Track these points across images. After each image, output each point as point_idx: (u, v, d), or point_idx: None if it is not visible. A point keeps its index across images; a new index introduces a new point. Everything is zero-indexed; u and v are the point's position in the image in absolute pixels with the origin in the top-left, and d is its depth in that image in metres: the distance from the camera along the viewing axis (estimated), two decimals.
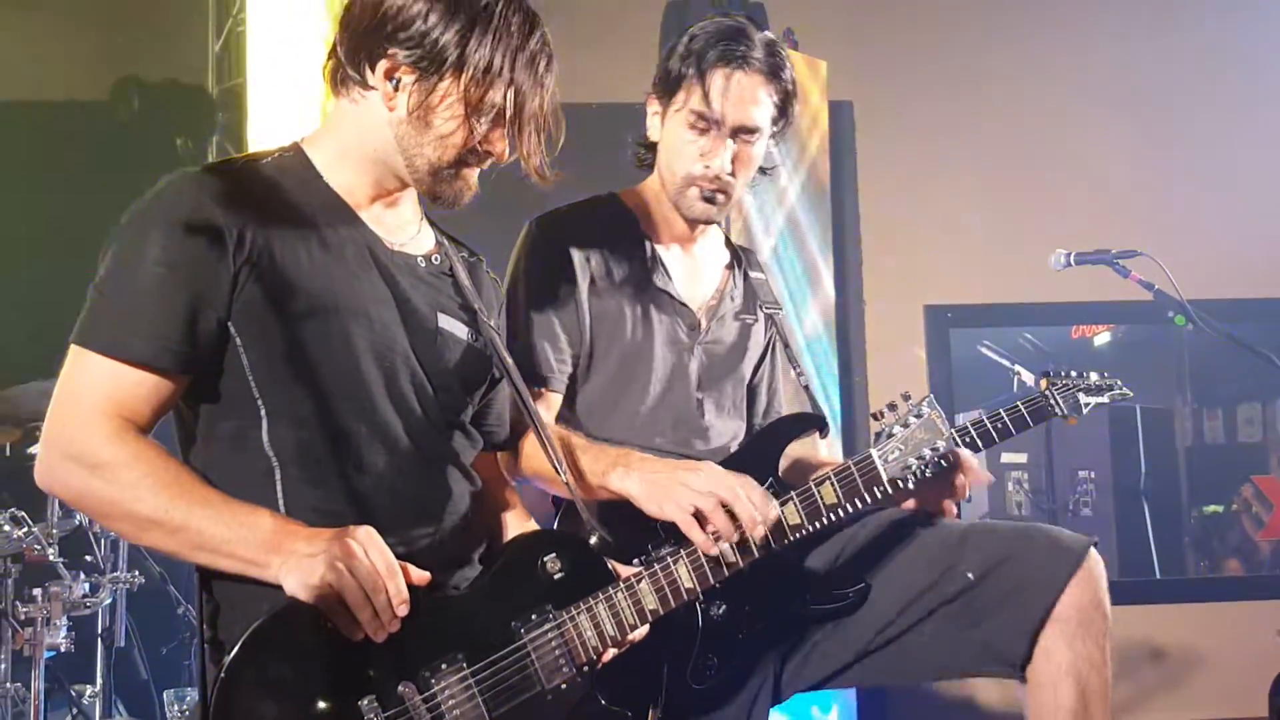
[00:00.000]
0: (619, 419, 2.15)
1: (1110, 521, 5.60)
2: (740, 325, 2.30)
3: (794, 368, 2.31)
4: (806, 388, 2.27)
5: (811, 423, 2.13)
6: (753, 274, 2.35)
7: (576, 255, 2.14)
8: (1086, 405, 2.15)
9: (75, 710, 3.35)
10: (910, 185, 4.64)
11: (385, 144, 1.67)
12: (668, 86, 2.17)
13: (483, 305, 1.82)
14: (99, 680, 3.41)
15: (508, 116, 1.65)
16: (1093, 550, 1.98)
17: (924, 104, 4.66)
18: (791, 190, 4.26)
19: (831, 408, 4.20)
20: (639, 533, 1.86)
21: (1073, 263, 3.12)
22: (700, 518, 1.81)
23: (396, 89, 1.64)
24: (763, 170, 2.25)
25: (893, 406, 1.96)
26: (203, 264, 1.54)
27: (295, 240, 1.61)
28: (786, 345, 2.33)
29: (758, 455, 2.06)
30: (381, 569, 1.48)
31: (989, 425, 2.02)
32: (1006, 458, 5.91)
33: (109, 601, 3.39)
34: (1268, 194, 4.62)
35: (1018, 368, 5.71)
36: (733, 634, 1.94)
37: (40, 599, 3.06)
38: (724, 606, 1.89)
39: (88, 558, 3.37)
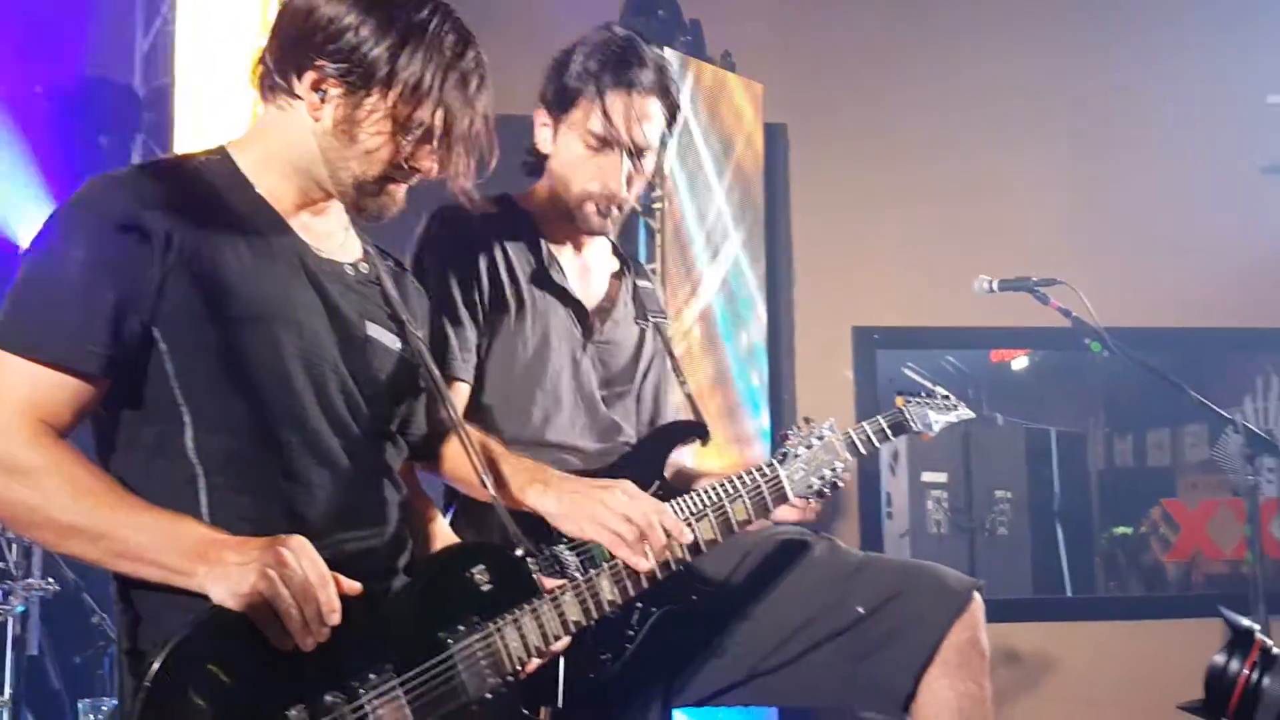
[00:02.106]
0: (519, 412, 2.17)
1: (1025, 540, 5.74)
2: (636, 330, 2.35)
3: (678, 376, 2.37)
4: (690, 396, 2.35)
5: (695, 431, 2.22)
6: (640, 283, 2.41)
7: (478, 247, 2.16)
8: (937, 423, 2.31)
9: None
10: (842, 208, 4.73)
11: (310, 154, 1.66)
12: (561, 102, 2.20)
13: (409, 314, 1.81)
14: (8, 689, 3.31)
15: (436, 136, 1.63)
16: (976, 593, 2.08)
17: (857, 129, 4.75)
18: (724, 211, 4.31)
19: (761, 426, 4.25)
20: (536, 532, 1.91)
21: (995, 289, 3.21)
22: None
23: (323, 100, 1.62)
24: (652, 185, 2.32)
25: (795, 428, 2.11)
26: (128, 266, 1.52)
27: (223, 245, 1.59)
28: (671, 354, 2.40)
29: (645, 460, 2.15)
30: (314, 578, 1.47)
31: (854, 437, 2.16)
32: (927, 477, 6.03)
33: (21, 609, 3.30)
34: (1183, 226, 4.79)
35: (938, 389, 5.83)
36: (624, 629, 1.99)
37: None
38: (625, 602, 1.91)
39: None
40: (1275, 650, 1.41)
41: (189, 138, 3.70)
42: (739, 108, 4.38)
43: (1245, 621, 1.43)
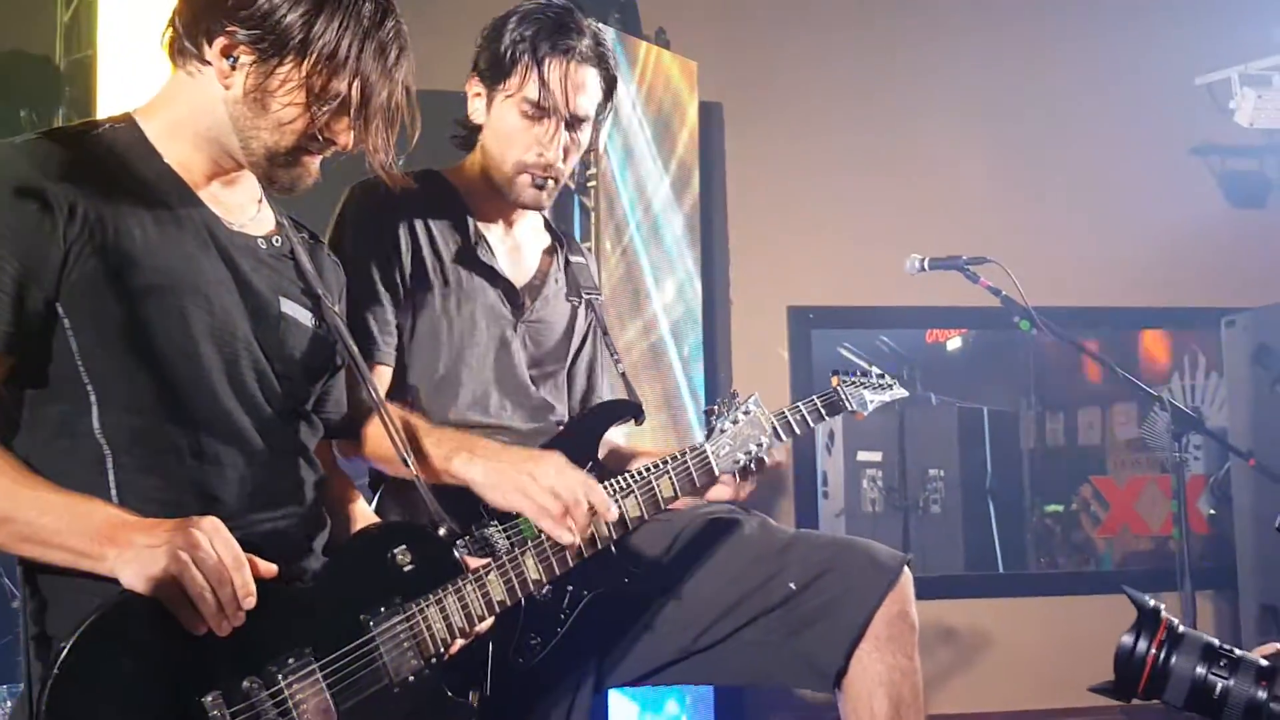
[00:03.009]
0: (446, 393, 2.13)
1: (958, 518, 5.82)
2: (568, 307, 2.32)
3: (612, 355, 2.35)
4: (624, 375, 2.32)
5: (629, 410, 2.19)
6: (573, 258, 2.36)
7: (400, 224, 2.11)
8: (871, 402, 2.32)
9: None
10: (776, 187, 4.74)
11: (220, 123, 1.60)
12: (496, 71, 2.14)
13: (325, 289, 1.76)
14: None
15: (352, 107, 1.58)
16: (905, 568, 2.09)
17: (791, 107, 4.76)
18: (660, 190, 4.30)
19: (698, 405, 4.26)
20: (467, 512, 1.88)
21: (926, 268, 3.23)
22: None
23: (234, 67, 1.57)
24: (586, 159, 2.29)
25: (721, 403, 2.10)
26: (30, 238, 1.46)
27: (130, 217, 1.53)
28: (605, 332, 2.37)
29: (579, 439, 2.11)
30: (228, 560, 1.43)
31: (789, 417, 2.15)
32: (862, 456, 6.09)
33: None
34: (1112, 206, 4.86)
35: (873, 369, 5.89)
36: (555, 613, 1.97)
37: None
38: (547, 586, 1.89)
39: None
40: (1181, 628, 1.43)
41: (111, 110, 3.60)
42: (674, 85, 4.36)
43: (1150, 601, 1.45)
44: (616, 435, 2.26)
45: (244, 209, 1.70)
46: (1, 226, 1.46)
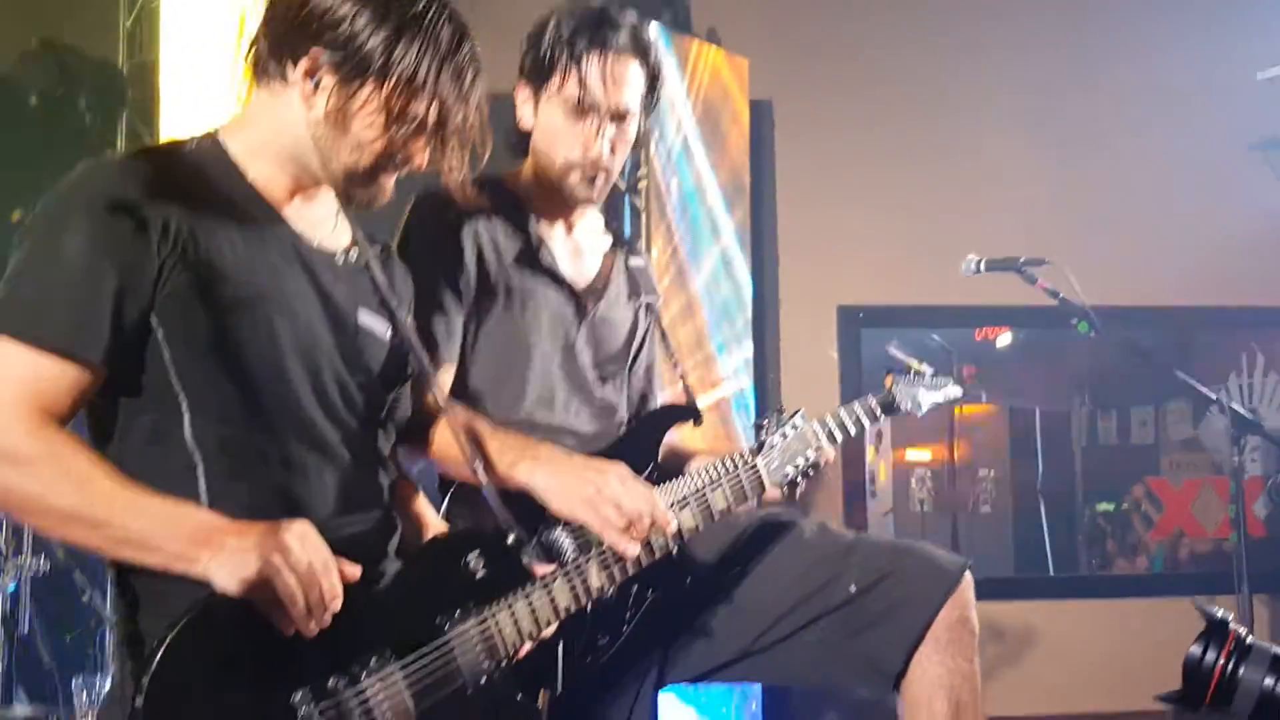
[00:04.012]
0: (512, 393, 2.17)
1: (1008, 518, 5.78)
2: (630, 309, 2.35)
3: (671, 356, 2.39)
4: (683, 378, 2.36)
5: (687, 414, 2.24)
6: (633, 261, 2.38)
7: (464, 230, 2.15)
8: (926, 402, 2.33)
9: None
10: (827, 185, 4.73)
11: (301, 142, 1.65)
12: (539, 73, 2.18)
13: (398, 301, 1.82)
14: None
15: (429, 129, 1.63)
16: (966, 572, 2.12)
17: (843, 105, 4.75)
18: (710, 189, 4.31)
19: (747, 405, 4.27)
20: (533, 513, 1.92)
21: (983, 269, 3.22)
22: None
23: (316, 88, 1.61)
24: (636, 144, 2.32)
25: (770, 418, 2.15)
26: (127, 253, 1.51)
27: (218, 233, 1.58)
28: (664, 334, 2.41)
29: (640, 443, 2.17)
30: (317, 564, 1.47)
31: (844, 418, 2.18)
32: (911, 455, 6.06)
33: (12, 588, 3.30)
34: (1171, 204, 4.81)
35: (925, 366, 5.86)
36: (620, 613, 2.01)
37: None
38: (611, 591, 1.93)
39: None
40: (1250, 640, 1.44)
41: (174, 113, 3.68)
42: (725, 83, 4.37)
43: (1219, 612, 1.46)
44: (675, 437, 2.29)
45: (323, 224, 1.75)
46: (102, 242, 1.51)
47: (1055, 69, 4.85)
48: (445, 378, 2.11)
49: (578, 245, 2.32)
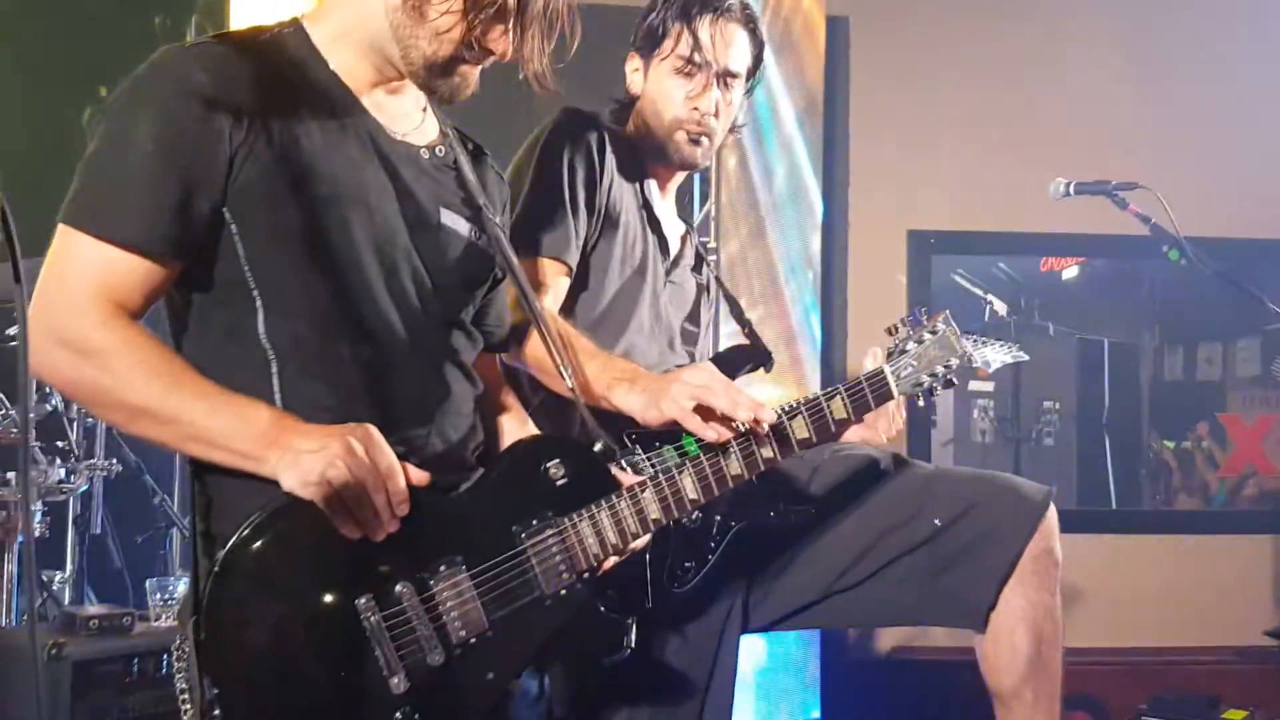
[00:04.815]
0: (608, 327, 2.17)
1: (1071, 451, 5.69)
2: (694, 280, 2.42)
3: (738, 316, 2.39)
4: (749, 324, 2.37)
5: (759, 357, 2.20)
6: (699, 240, 2.50)
7: (604, 152, 2.19)
8: (994, 362, 2.23)
9: (45, 595, 3.34)
10: (903, 106, 4.59)
11: (381, 31, 1.60)
12: (651, 40, 2.28)
13: (487, 201, 1.77)
14: (70, 567, 3.40)
15: (509, 15, 1.57)
16: (1050, 501, 2.05)
17: (923, 23, 4.59)
18: (784, 109, 4.21)
19: (812, 331, 4.21)
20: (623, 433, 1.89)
21: (1072, 192, 3.09)
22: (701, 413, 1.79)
23: None
24: (733, 128, 2.37)
25: (905, 321, 1.96)
26: (198, 145, 1.48)
27: (295, 124, 1.54)
28: (730, 299, 2.45)
29: None
30: (382, 468, 1.46)
31: (919, 388, 1.97)
32: (973, 386, 5.96)
33: (84, 488, 3.36)
34: (1263, 137, 4.61)
35: (990, 297, 5.75)
36: (705, 540, 1.96)
37: (14, 483, 3.02)
38: (697, 512, 1.88)
39: (60, 443, 3.33)
40: None
41: (244, 16, 3.64)
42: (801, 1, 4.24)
43: None
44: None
45: (408, 117, 1.70)
46: (171, 131, 1.47)
47: None
48: (561, 282, 2.10)
49: (667, 207, 2.40)
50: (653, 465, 1.88)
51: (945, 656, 3.88)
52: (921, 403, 1.96)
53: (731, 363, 2.16)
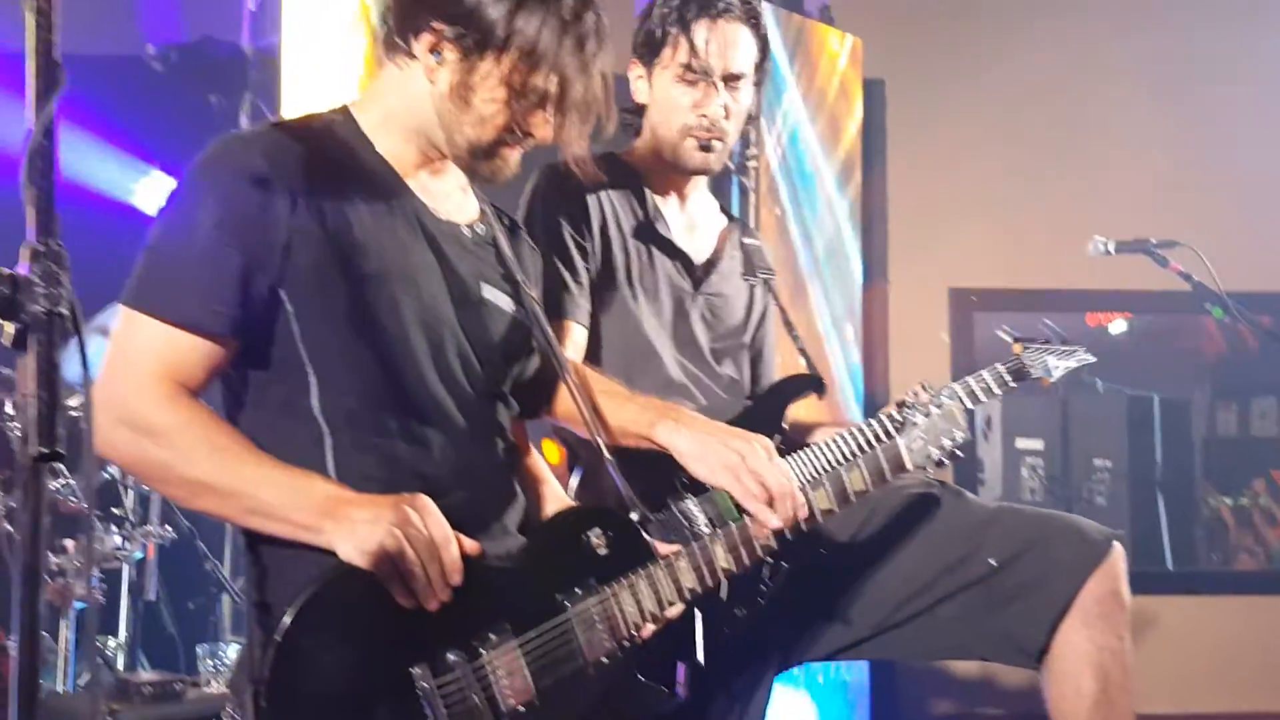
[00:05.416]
0: (629, 359, 2.18)
1: (1124, 510, 5.60)
2: (745, 286, 2.36)
3: (791, 332, 2.37)
4: (803, 350, 2.35)
5: (811, 385, 2.22)
6: (747, 240, 2.40)
7: (590, 199, 2.18)
8: (1057, 368, 2.26)
9: (99, 661, 3.38)
10: (940, 166, 4.63)
11: (427, 116, 1.66)
12: (651, 47, 2.24)
13: (523, 274, 1.82)
14: (124, 633, 3.44)
15: (551, 101, 1.62)
16: (1116, 543, 2.03)
17: (958, 84, 4.63)
18: (822, 170, 4.25)
19: (855, 388, 4.21)
20: (657, 485, 1.90)
21: (1112, 251, 3.10)
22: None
23: (439, 63, 1.62)
24: (749, 119, 2.35)
25: (914, 395, 2.02)
26: (256, 228, 1.54)
27: (346, 206, 1.61)
28: (783, 310, 2.41)
29: (763, 414, 2.14)
30: (438, 537, 1.49)
31: (973, 386, 2.14)
32: (1021, 443, 5.91)
33: (139, 555, 3.42)
34: None
35: (1057, 335, 5.70)
36: (755, 585, 1.97)
37: (73, 551, 3.08)
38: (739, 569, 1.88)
39: (116, 510, 3.39)
40: None
41: (296, 96, 3.75)
42: (837, 63, 4.30)
43: None
44: (798, 409, 2.28)
45: (449, 197, 1.76)
46: (231, 215, 1.54)
47: (1183, 43, 4.65)
48: (577, 340, 2.13)
49: (692, 220, 2.35)
50: (704, 511, 1.90)
51: None
52: (930, 472, 2.00)
53: (785, 394, 2.21)
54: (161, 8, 4.27)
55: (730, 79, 2.21)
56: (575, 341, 2.15)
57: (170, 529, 3.43)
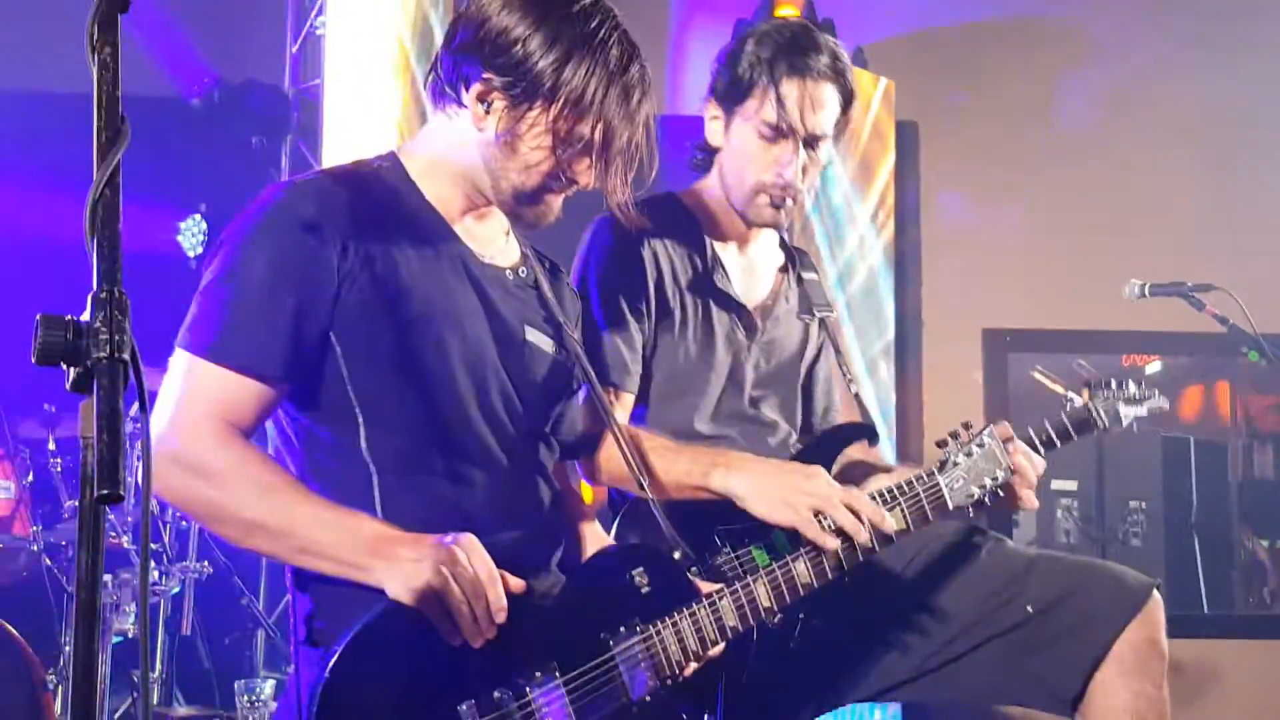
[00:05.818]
0: (680, 413, 2.17)
1: (1160, 553, 5.54)
2: (800, 325, 2.33)
3: (844, 375, 2.35)
4: (857, 395, 2.32)
5: (863, 432, 2.20)
6: (806, 275, 2.37)
7: (645, 253, 2.15)
8: (1126, 417, 2.22)
9: (134, 696, 3.40)
10: (973, 207, 4.64)
11: (474, 163, 1.70)
12: (734, 95, 2.15)
13: (564, 317, 1.85)
14: (159, 668, 3.46)
15: (595, 149, 1.66)
16: (1155, 592, 2.03)
17: (989, 126, 4.65)
18: (855, 211, 4.27)
19: (889, 429, 4.21)
20: (700, 535, 1.89)
21: (1147, 294, 3.10)
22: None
23: (487, 112, 1.65)
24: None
25: (954, 434, 2.03)
26: (308, 273, 1.58)
27: (395, 251, 1.64)
28: (837, 349, 2.37)
29: (816, 459, 2.09)
30: (484, 576, 1.51)
31: (1034, 438, 2.09)
32: (1056, 485, 5.86)
33: (176, 590, 3.45)
34: None
35: (1070, 394, 5.69)
36: (786, 638, 1.96)
37: (110, 585, 3.11)
38: (779, 614, 1.88)
39: (154, 545, 3.42)
40: None
41: (338, 138, 3.82)
42: (870, 104, 4.33)
43: None
44: (850, 454, 2.26)
45: (493, 241, 1.79)
46: (284, 261, 1.58)
47: (1216, 86, 4.65)
48: (624, 407, 2.12)
49: (751, 262, 2.30)
50: (741, 564, 1.90)
51: None
52: (971, 513, 2.00)
53: (837, 440, 2.19)
54: (188, 61, 4.34)
55: (812, 140, 2.13)
56: (624, 405, 2.13)
57: (208, 564, 3.46)
